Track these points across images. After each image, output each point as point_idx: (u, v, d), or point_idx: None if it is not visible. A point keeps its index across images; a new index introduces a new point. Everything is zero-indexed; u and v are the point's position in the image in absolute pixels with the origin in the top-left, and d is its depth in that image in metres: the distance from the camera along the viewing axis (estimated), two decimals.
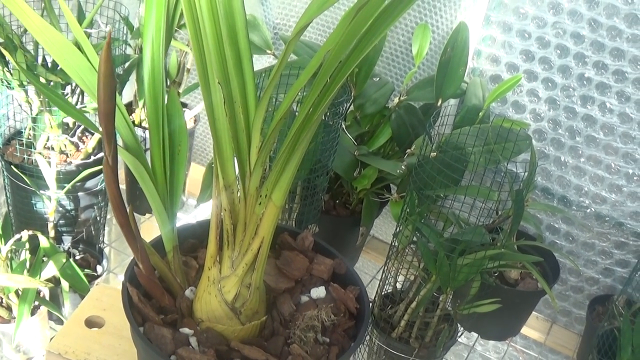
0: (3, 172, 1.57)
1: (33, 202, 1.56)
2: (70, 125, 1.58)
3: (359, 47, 0.74)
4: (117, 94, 0.77)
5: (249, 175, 0.85)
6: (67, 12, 0.94)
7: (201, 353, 0.89)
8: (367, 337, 1.48)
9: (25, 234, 1.43)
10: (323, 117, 1.33)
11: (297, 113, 1.04)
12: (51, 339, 1.53)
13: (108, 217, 1.79)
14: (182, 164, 0.95)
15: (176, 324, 0.94)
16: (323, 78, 0.75)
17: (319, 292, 1.01)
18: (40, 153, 1.50)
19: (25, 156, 1.52)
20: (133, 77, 1.69)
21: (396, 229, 1.40)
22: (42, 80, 1.41)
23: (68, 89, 1.51)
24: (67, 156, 1.56)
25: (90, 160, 1.57)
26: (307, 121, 0.79)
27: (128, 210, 0.87)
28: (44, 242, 1.44)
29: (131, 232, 0.88)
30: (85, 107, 1.51)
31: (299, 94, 0.81)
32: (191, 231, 1.07)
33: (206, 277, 0.93)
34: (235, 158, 0.87)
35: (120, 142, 0.87)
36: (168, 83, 1.82)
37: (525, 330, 1.79)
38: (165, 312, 0.95)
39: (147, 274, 0.93)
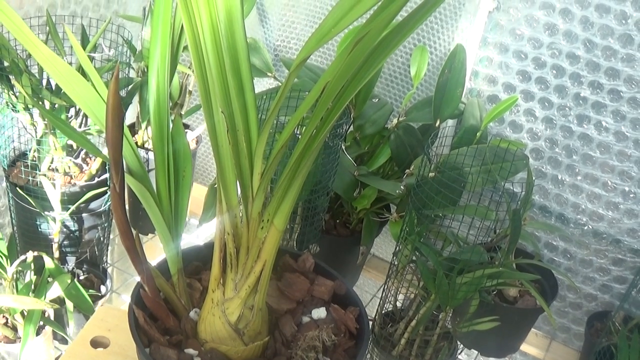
0: (8, 193, 1.59)
1: (38, 223, 1.57)
2: (74, 147, 1.60)
3: (357, 77, 0.77)
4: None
5: (251, 200, 0.87)
6: (73, 40, 0.97)
7: None
8: (368, 356, 1.50)
9: (30, 255, 1.45)
10: None
11: (298, 136, 1.06)
12: (56, 359, 1.55)
13: (111, 237, 1.80)
14: (187, 189, 0.98)
15: (181, 344, 0.96)
16: (323, 107, 0.77)
17: (319, 312, 1.03)
18: (44, 175, 1.51)
19: (30, 178, 1.53)
20: (136, 99, 1.71)
21: (396, 248, 1.42)
22: (47, 103, 1.43)
23: (72, 112, 1.53)
24: (71, 178, 1.58)
25: (94, 181, 1.58)
26: (308, 148, 0.81)
27: (134, 234, 0.89)
28: (49, 263, 1.46)
29: (137, 256, 0.90)
30: (89, 129, 1.53)
31: (300, 120, 0.83)
32: (195, 254, 1.09)
33: (210, 299, 0.95)
34: (238, 183, 0.89)
35: (124, 166, 0.89)
36: (170, 105, 1.84)
37: (524, 347, 1.80)
38: (170, 333, 0.97)
39: (153, 296, 0.96)
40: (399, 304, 1.48)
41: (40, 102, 1.42)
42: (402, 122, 1.61)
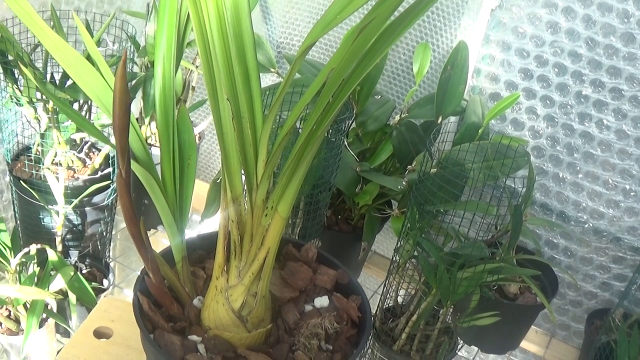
0: (11, 187, 1.60)
1: (41, 216, 1.58)
2: (78, 141, 1.61)
3: (361, 65, 0.77)
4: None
5: (255, 188, 0.88)
6: (82, 28, 0.98)
7: (209, 359, 0.91)
8: (369, 350, 1.51)
9: (33, 248, 1.45)
10: (326, 134, 1.36)
11: (300, 130, 1.07)
12: (58, 351, 1.55)
13: (114, 232, 1.81)
14: (192, 177, 0.98)
15: (185, 331, 0.97)
16: (326, 96, 0.78)
17: (322, 301, 1.04)
18: (48, 168, 1.52)
19: (34, 171, 1.54)
20: (139, 94, 1.72)
21: (397, 243, 1.43)
22: None
23: (76, 106, 1.54)
24: (75, 172, 1.59)
25: (97, 175, 1.59)
26: (311, 137, 0.82)
27: (140, 222, 0.90)
28: (52, 256, 1.47)
29: (142, 243, 0.91)
30: (93, 123, 1.54)
31: (303, 111, 0.84)
32: (199, 243, 1.10)
33: (214, 286, 0.96)
34: (242, 171, 0.90)
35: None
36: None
37: (524, 344, 1.81)
38: (174, 320, 0.98)
39: (157, 283, 0.96)
40: (400, 300, 1.49)
41: (45, 96, 1.43)
42: (404, 119, 1.62)
